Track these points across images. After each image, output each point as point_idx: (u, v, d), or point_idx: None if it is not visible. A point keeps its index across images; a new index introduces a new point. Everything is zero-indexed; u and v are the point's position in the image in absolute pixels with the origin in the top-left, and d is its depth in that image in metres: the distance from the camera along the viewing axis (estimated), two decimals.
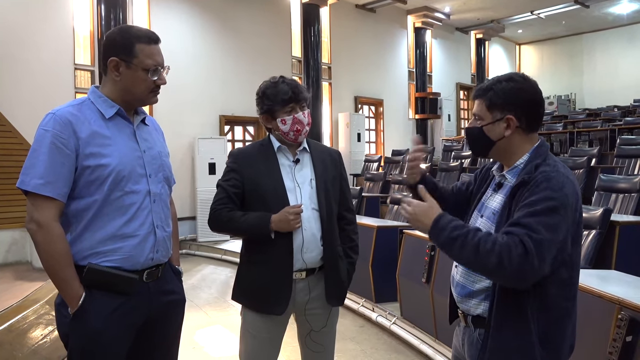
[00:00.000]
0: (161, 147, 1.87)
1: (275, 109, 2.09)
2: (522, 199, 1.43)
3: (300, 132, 2.10)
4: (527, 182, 1.45)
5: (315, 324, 2.14)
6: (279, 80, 2.11)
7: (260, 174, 2.09)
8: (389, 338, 4.16)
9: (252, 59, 9.67)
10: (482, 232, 1.42)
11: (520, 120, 1.52)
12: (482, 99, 1.56)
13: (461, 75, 15.11)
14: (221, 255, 7.67)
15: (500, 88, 1.53)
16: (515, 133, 1.53)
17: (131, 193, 1.68)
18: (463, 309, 1.61)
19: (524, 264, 1.33)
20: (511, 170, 1.56)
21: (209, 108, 9.17)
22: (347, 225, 2.24)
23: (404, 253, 4.17)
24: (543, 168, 1.46)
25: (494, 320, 1.47)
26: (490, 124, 1.55)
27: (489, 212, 1.58)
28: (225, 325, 4.61)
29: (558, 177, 1.43)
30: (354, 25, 11.80)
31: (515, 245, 1.34)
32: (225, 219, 2.07)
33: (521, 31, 16.00)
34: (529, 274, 1.35)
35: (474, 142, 1.62)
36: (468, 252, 1.40)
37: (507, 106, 1.52)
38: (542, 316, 1.44)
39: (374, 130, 12.72)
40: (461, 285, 1.60)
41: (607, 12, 13.88)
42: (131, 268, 1.68)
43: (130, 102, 1.75)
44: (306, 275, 2.09)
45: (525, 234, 1.35)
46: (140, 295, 1.70)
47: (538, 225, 1.36)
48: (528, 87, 1.54)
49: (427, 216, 1.48)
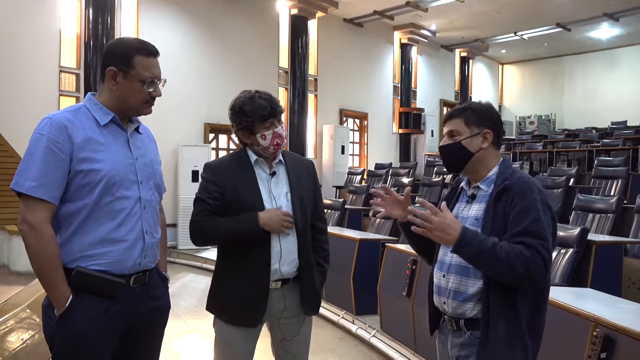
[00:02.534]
0: (153, 155, 1.89)
1: (255, 124, 2.08)
2: (512, 204, 1.61)
3: (280, 145, 2.12)
4: (509, 188, 1.64)
5: (287, 333, 2.15)
6: (255, 95, 2.10)
7: (240, 187, 2.09)
8: (368, 351, 4.18)
9: (239, 68, 9.71)
10: (506, 244, 1.56)
11: (493, 135, 1.74)
12: (461, 117, 1.76)
13: (445, 91, 15.34)
14: (201, 264, 7.63)
15: (476, 107, 1.77)
16: (489, 147, 1.74)
17: (122, 199, 1.71)
18: (457, 314, 1.69)
19: (542, 270, 1.55)
20: (484, 181, 1.74)
21: (194, 115, 9.17)
22: (320, 235, 2.27)
23: (385, 266, 4.22)
24: (518, 175, 1.68)
25: (491, 318, 1.60)
26: (469, 137, 1.73)
27: (470, 220, 1.71)
28: (205, 334, 4.58)
29: (532, 181, 1.66)
30: (341, 39, 11.93)
31: (535, 255, 1.54)
32: (210, 227, 2.06)
33: (504, 51, 16.33)
34: (544, 276, 1.58)
35: (451, 156, 1.77)
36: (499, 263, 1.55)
37: (483, 122, 1.74)
38: (526, 305, 1.60)
39: (358, 143, 12.82)
40: (454, 291, 1.70)
41: (587, 36, 14.26)
42: (119, 272, 1.69)
43: (125, 111, 1.78)
44: (281, 285, 2.10)
45: (540, 245, 1.55)
46: (127, 300, 1.71)
47: (543, 230, 1.57)
48: (495, 112, 1.80)
49: (454, 228, 1.58)
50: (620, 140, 9.82)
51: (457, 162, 1.75)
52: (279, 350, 2.18)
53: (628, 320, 2.00)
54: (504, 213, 1.62)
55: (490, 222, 1.64)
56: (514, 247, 1.54)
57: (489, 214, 1.65)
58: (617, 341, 1.93)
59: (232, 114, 2.14)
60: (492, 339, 1.60)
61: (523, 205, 1.59)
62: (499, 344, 1.59)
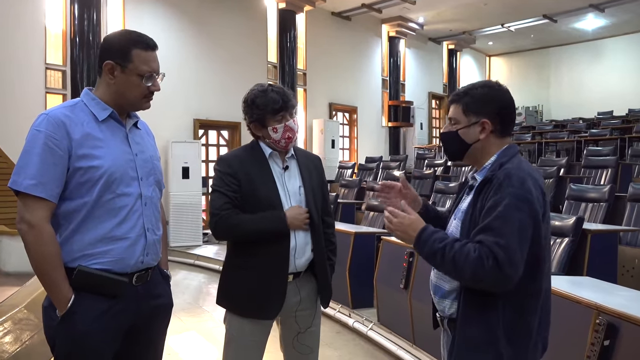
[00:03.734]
0: (153, 150, 1.87)
1: (266, 117, 2.09)
2: (487, 198, 1.50)
3: (292, 139, 2.12)
4: (490, 180, 1.51)
5: (302, 325, 2.16)
6: (268, 89, 2.11)
7: (256, 180, 2.09)
8: (366, 344, 4.18)
9: (227, 63, 9.63)
10: (458, 245, 1.47)
11: (494, 124, 1.59)
12: (459, 104, 1.63)
13: (433, 84, 15.37)
14: (194, 261, 7.58)
15: (476, 93, 1.61)
16: (489, 136, 1.60)
17: (122, 195, 1.67)
18: (439, 310, 1.65)
19: (496, 274, 1.40)
20: (480, 172, 1.63)
21: (183, 111, 9.09)
22: (327, 229, 2.28)
23: (381, 259, 4.21)
24: (506, 166, 1.52)
25: (460, 317, 1.52)
26: (465, 127, 1.61)
27: (460, 214, 1.64)
28: (200, 331, 4.56)
29: (519, 173, 1.48)
30: (329, 33, 11.89)
31: (487, 257, 1.40)
32: (236, 223, 2.04)
33: (491, 43, 16.39)
34: (504, 281, 1.41)
35: (450, 144, 1.68)
36: (447, 266, 1.48)
37: (482, 110, 1.59)
38: (505, 313, 1.47)
39: (348, 137, 12.81)
40: (435, 285, 1.66)
41: (573, 27, 14.35)
42: (121, 271, 1.66)
43: (123, 106, 1.75)
44: (293, 278, 2.11)
45: (494, 243, 1.41)
46: (129, 299, 1.69)
47: (505, 228, 1.42)
48: (502, 94, 1.62)
49: (412, 228, 1.55)
50: (607, 130, 9.92)
51: (455, 151, 1.67)
52: (294, 343, 2.17)
53: (630, 307, 2.01)
54: (481, 208, 1.51)
55: (468, 217, 1.55)
56: (464, 249, 1.44)
57: (469, 208, 1.56)
58: (621, 328, 1.94)
59: (245, 107, 2.14)
60: (459, 342, 1.52)
61: (495, 199, 1.46)
62: (465, 347, 1.51)
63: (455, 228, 1.61)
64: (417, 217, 1.59)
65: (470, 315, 1.50)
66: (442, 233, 1.55)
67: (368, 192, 7.47)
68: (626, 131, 9.49)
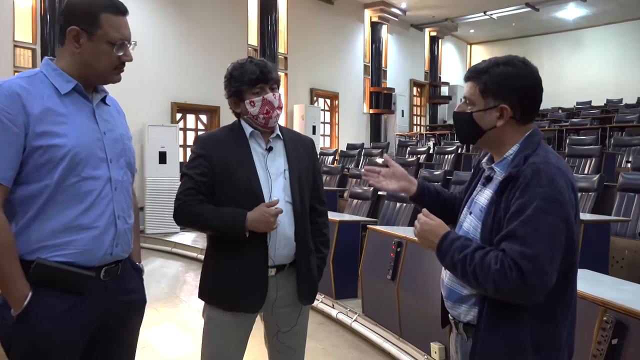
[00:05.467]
0: (123, 129, 1.67)
1: (243, 89, 1.92)
2: (512, 198, 1.32)
3: (271, 114, 1.93)
4: (515, 177, 1.33)
5: (283, 324, 2.00)
6: (246, 61, 1.96)
7: (232, 162, 1.90)
8: (350, 336, 4.05)
9: (207, 46, 9.33)
10: (479, 256, 1.31)
11: (515, 110, 1.39)
12: (476, 82, 1.41)
13: (415, 71, 15.25)
14: (171, 248, 7.35)
15: (497, 72, 1.38)
16: (507, 123, 1.40)
17: (89, 179, 1.48)
18: (454, 315, 1.49)
19: (521, 287, 1.25)
20: (500, 163, 1.43)
21: (160, 94, 8.77)
22: (319, 218, 2.10)
23: (367, 248, 4.07)
24: (532, 159, 1.33)
25: (484, 325, 1.36)
26: (481, 111, 1.41)
27: (477, 209, 1.45)
28: (177, 323, 4.37)
29: (548, 169, 1.30)
30: (311, 17, 11.63)
31: (510, 269, 1.25)
32: (194, 213, 1.88)
33: (473, 31, 16.32)
34: (531, 293, 1.26)
35: (462, 128, 1.49)
36: (468, 279, 1.34)
37: (502, 93, 1.38)
38: (532, 321, 1.32)
39: (329, 124, 12.63)
40: (449, 289, 1.48)
41: (554, 16, 14.35)
42: (87, 264, 1.47)
43: (90, 78, 1.54)
44: (276, 273, 1.93)
45: (519, 254, 1.25)
46: (97, 295, 1.50)
47: (532, 235, 1.25)
48: (527, 73, 1.40)
49: (434, 235, 1.41)
50: (587, 119, 9.95)
51: (468, 135, 1.47)
52: (274, 342, 2.02)
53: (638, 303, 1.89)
54: (506, 208, 1.32)
55: (490, 219, 1.36)
56: (485, 260, 1.28)
57: (492, 207, 1.37)
58: (630, 326, 1.83)
59: (225, 81, 1.99)
60: (481, 351, 1.35)
61: (522, 202, 1.28)
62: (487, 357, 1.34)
63: (474, 228, 1.44)
64: (438, 223, 1.43)
65: (494, 324, 1.34)
66: (463, 240, 1.38)
67: (351, 179, 7.33)
68: (606, 121, 9.52)
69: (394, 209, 5.24)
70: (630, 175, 4.47)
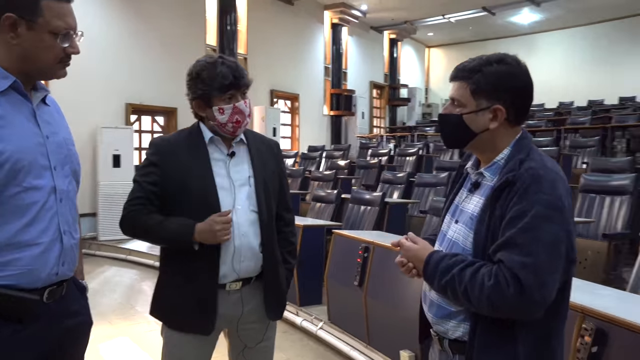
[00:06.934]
0: (66, 133, 1.48)
1: (212, 95, 1.75)
2: (510, 205, 1.22)
3: (241, 124, 1.79)
4: (512, 182, 1.23)
5: (249, 340, 1.86)
6: (217, 61, 1.77)
7: (187, 170, 1.76)
8: (315, 344, 3.92)
9: (163, 45, 9.02)
10: (469, 274, 1.22)
11: (509, 112, 1.30)
12: (466, 82, 1.31)
13: (375, 73, 15.31)
14: (125, 256, 7.03)
15: (491, 71, 1.29)
16: (500, 125, 1.30)
17: (31, 189, 1.29)
18: (439, 331, 1.38)
19: (521, 302, 1.16)
20: (490, 167, 1.34)
21: (114, 95, 8.41)
22: (286, 227, 1.97)
23: (333, 254, 3.95)
24: (529, 164, 1.25)
25: (477, 344, 1.26)
26: (473, 112, 1.31)
27: (465, 217, 1.35)
28: (133, 337, 4.12)
29: (547, 174, 1.22)
30: (271, 17, 11.47)
31: (507, 283, 1.16)
32: (141, 224, 1.75)
33: (431, 34, 16.52)
34: (531, 308, 1.18)
35: (450, 131, 1.38)
36: (459, 300, 1.26)
37: (495, 94, 1.29)
38: (529, 338, 1.24)
39: (290, 125, 12.49)
40: (437, 305, 1.37)
41: (510, 20, 14.70)
42: (29, 286, 1.29)
43: (30, 73, 1.35)
44: (242, 286, 1.79)
45: (520, 264, 1.16)
46: (39, 321, 1.32)
47: (533, 244, 1.17)
48: (520, 73, 1.32)
49: (418, 260, 1.34)
50: (542, 121, 10.18)
51: (456, 139, 1.38)
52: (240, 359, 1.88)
53: (618, 309, 1.83)
54: (501, 216, 1.23)
55: (484, 228, 1.27)
56: (476, 278, 1.20)
57: (485, 215, 1.27)
58: (610, 334, 1.77)
59: (188, 80, 1.80)
60: None
61: (520, 208, 1.19)
62: None
63: (464, 237, 1.33)
64: (421, 246, 1.36)
65: (488, 342, 1.24)
66: (448, 259, 1.28)
67: (313, 182, 7.21)
68: (560, 123, 9.76)
69: (358, 212, 5.15)
70: (591, 176, 4.53)
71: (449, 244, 1.37)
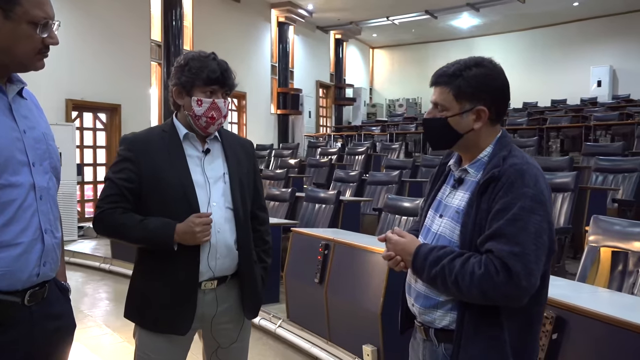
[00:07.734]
0: (45, 127, 1.43)
1: (195, 84, 1.75)
2: (496, 198, 1.30)
3: (215, 120, 1.78)
4: (497, 178, 1.31)
5: (223, 340, 1.85)
6: (210, 56, 1.79)
7: (163, 166, 1.74)
8: (274, 343, 3.93)
9: (106, 40, 8.71)
10: (459, 264, 1.29)
11: (490, 111, 1.38)
12: (448, 87, 1.39)
13: (321, 73, 15.42)
14: (69, 258, 6.73)
15: (471, 75, 1.37)
16: (484, 125, 1.39)
17: (9, 187, 1.24)
18: (425, 321, 1.44)
19: (510, 289, 1.24)
20: (474, 164, 1.42)
21: (54, 90, 8.04)
22: (261, 226, 1.98)
23: (291, 252, 3.97)
24: (512, 160, 1.34)
25: (464, 332, 1.33)
26: (457, 115, 1.39)
27: (451, 212, 1.42)
28: (85, 343, 3.96)
29: (530, 170, 1.31)
30: (217, 14, 11.33)
31: (497, 271, 1.24)
32: (116, 224, 1.72)
33: (376, 35, 16.82)
34: (520, 295, 1.26)
35: (436, 134, 1.46)
36: (449, 290, 1.33)
37: (477, 95, 1.37)
38: (514, 324, 1.32)
39: (237, 124, 12.37)
40: (424, 295, 1.43)
41: (450, 24, 15.20)
42: (9, 288, 1.24)
43: (7, 65, 1.30)
44: (217, 285, 1.79)
45: (509, 253, 1.24)
46: (20, 325, 1.27)
47: (520, 234, 1.25)
48: (498, 74, 1.41)
49: (407, 253, 1.39)
50: None
51: (442, 141, 1.45)
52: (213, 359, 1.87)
53: (575, 298, 1.97)
54: (487, 209, 1.31)
55: (471, 220, 1.33)
56: (466, 267, 1.27)
57: (471, 209, 1.34)
58: (569, 321, 1.89)
59: (176, 67, 1.80)
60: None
61: (506, 201, 1.27)
62: None
63: (450, 230, 1.40)
64: (409, 240, 1.41)
65: (476, 329, 1.31)
66: (437, 252, 1.34)
67: (264, 180, 7.19)
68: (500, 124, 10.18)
69: (312, 210, 5.20)
70: None
71: (434, 237, 1.44)
